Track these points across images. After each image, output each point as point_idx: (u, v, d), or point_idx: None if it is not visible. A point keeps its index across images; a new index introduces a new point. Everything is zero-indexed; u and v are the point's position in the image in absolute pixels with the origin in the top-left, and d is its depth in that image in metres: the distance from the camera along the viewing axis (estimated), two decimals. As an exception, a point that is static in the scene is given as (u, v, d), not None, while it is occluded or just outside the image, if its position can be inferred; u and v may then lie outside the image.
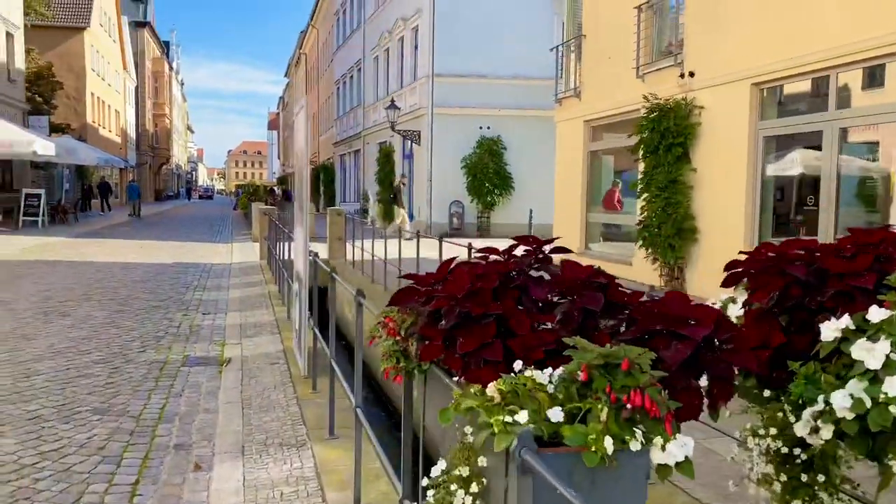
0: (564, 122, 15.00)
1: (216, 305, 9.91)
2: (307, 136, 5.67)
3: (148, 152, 66.67)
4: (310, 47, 56.18)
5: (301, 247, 5.92)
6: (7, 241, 18.74)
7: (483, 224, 23.66)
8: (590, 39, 13.88)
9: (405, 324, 2.16)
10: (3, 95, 26.27)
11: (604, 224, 14.16)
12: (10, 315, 8.62)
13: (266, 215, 15.67)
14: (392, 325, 2.22)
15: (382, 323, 2.28)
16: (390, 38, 28.19)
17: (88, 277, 12.29)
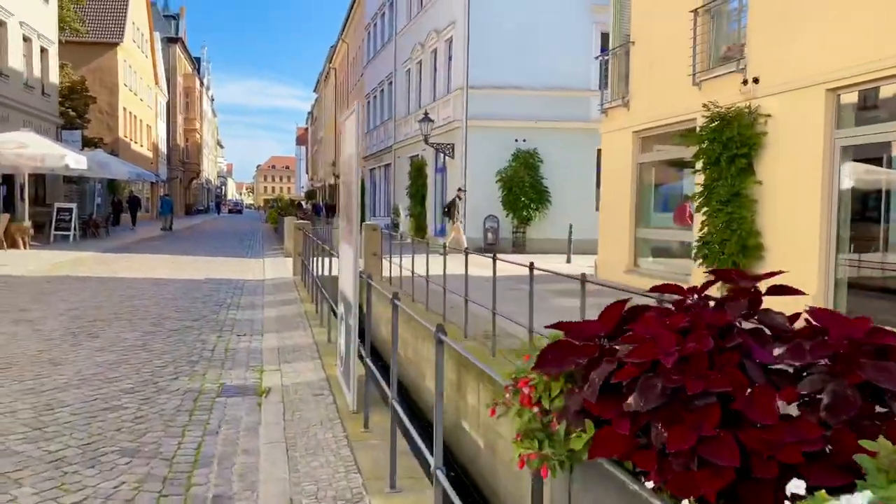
0: (611, 134, 14.34)
1: (251, 326, 9.38)
2: (358, 142, 5.12)
3: (179, 167, 67.16)
4: (339, 62, 56.20)
5: (349, 266, 5.34)
6: (38, 255, 18.51)
7: (518, 239, 23.00)
8: (639, 47, 13.24)
9: (552, 393, 1.54)
10: (37, 110, 26.31)
11: (657, 240, 13.43)
12: (36, 336, 8.17)
13: (300, 230, 15.19)
14: (529, 393, 1.60)
15: (513, 387, 1.66)
16: (423, 50, 27.79)
17: (119, 294, 11.87)
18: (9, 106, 23.80)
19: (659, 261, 13.25)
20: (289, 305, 11.14)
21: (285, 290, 13.24)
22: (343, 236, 5.99)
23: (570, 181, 23.05)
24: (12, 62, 24.28)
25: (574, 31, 23.07)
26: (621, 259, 13.55)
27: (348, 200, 5.74)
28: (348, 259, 5.47)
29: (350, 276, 5.33)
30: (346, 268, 5.60)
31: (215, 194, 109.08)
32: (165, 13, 69.47)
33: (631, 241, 13.53)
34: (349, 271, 5.38)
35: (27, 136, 20.47)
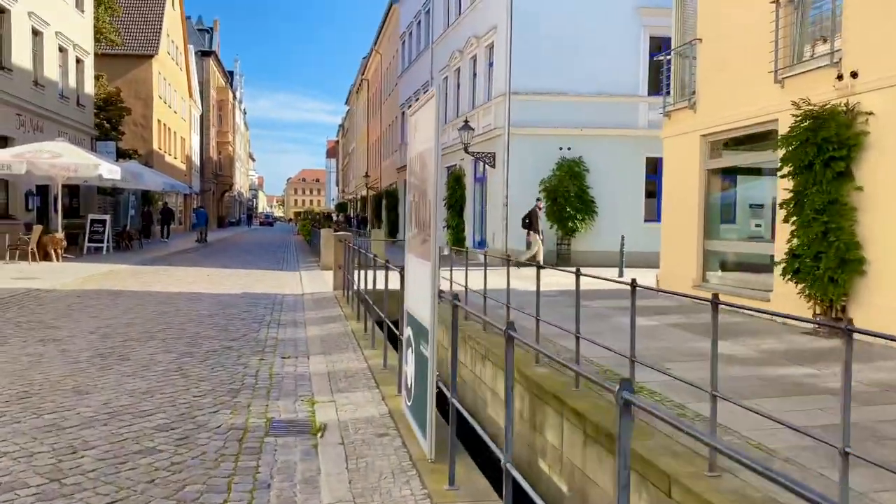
0: (675, 138, 13.34)
1: (295, 346, 8.54)
2: (437, 133, 4.24)
3: (211, 179, 67.30)
4: (372, 73, 55.84)
5: (425, 285, 4.45)
6: (71, 268, 17.98)
7: (563, 252, 22.01)
8: (707, 44, 12.24)
9: None
10: (72, 120, 26.04)
11: (729, 253, 12.35)
12: (62, 358, 7.41)
13: (342, 242, 14.39)
14: None
15: None
16: (461, 57, 27.03)
17: (152, 311, 11.14)
18: (44, 116, 23.51)
19: (731, 275, 12.18)
20: (333, 323, 10.30)
21: (326, 305, 12.42)
22: (413, 249, 5.11)
23: (617, 191, 22.03)
24: (48, 72, 24.01)
25: (621, 34, 22.12)
26: (687, 273, 12.50)
27: (419, 206, 4.86)
28: (423, 277, 4.58)
29: (426, 298, 4.44)
30: (420, 287, 4.70)
31: (247, 207, 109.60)
32: (199, 27, 69.98)
33: (699, 254, 12.48)
34: (425, 291, 4.49)
35: (61, 145, 20.06)
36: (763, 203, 11.72)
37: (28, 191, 22.26)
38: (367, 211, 55.58)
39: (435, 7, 31.60)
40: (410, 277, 5.21)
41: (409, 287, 5.28)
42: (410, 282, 5.22)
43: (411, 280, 5.19)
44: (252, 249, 32.51)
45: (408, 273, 5.31)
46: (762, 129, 10.85)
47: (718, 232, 12.44)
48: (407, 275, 5.34)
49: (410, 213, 5.24)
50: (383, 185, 47.78)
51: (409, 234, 5.28)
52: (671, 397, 5.75)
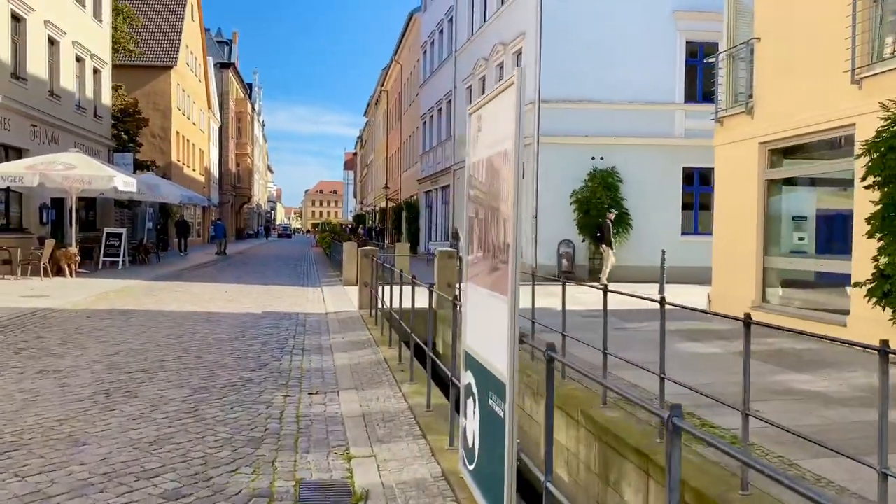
0: (728, 146, 12.32)
1: (322, 378, 7.61)
2: (519, 125, 3.31)
3: (230, 191, 66.93)
4: (392, 84, 55.22)
5: (501, 328, 3.50)
6: (84, 284, 17.23)
7: (596, 266, 20.92)
8: (767, 44, 11.24)
9: None
10: (89, 131, 25.46)
11: (794, 271, 11.29)
12: (61, 395, 6.53)
13: (368, 257, 13.49)
14: None
15: None
16: (487, 64, 26.17)
17: (166, 335, 10.27)
18: (60, 127, 22.92)
19: (796, 296, 11.11)
20: (362, 349, 9.37)
21: (353, 326, 11.50)
22: (476, 277, 4.15)
23: (652, 203, 20.99)
24: (64, 82, 23.46)
25: (655, 39, 21.14)
26: (744, 293, 11.44)
27: (487, 223, 3.92)
28: (495, 315, 3.62)
29: (500, 342, 3.49)
30: (490, 327, 3.75)
31: (265, 219, 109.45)
32: (218, 39, 69.89)
33: (758, 272, 11.42)
34: (498, 333, 3.54)
35: (75, 156, 19.39)
36: (834, 216, 10.67)
37: (42, 204, 21.63)
38: (386, 222, 54.83)
39: (458, 15, 30.82)
40: (472, 312, 4.25)
41: (469, 324, 4.33)
42: (472, 318, 4.27)
43: (473, 316, 4.24)
44: (271, 263, 31.74)
45: (467, 306, 4.36)
46: (835, 134, 9.83)
47: (780, 248, 11.39)
48: (466, 308, 4.39)
49: (471, 232, 4.30)
50: (403, 197, 47.00)
51: (470, 258, 4.33)
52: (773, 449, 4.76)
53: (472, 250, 4.31)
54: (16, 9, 19.88)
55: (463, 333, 4.45)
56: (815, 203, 11.47)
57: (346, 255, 20.11)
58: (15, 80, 20.03)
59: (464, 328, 4.44)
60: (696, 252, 20.59)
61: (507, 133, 3.52)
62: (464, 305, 4.47)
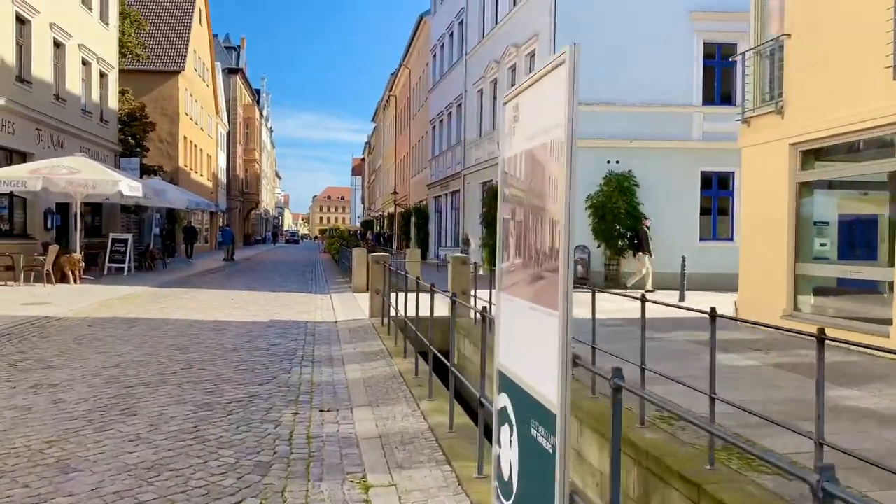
0: (756, 148, 11.79)
1: (334, 393, 7.12)
2: (571, 110, 2.82)
3: (238, 197, 66.70)
4: (400, 89, 54.89)
5: (547, 345, 3.00)
6: (87, 291, 16.82)
7: (611, 273, 20.44)
8: (798, 40, 10.73)
9: None
10: (95, 136, 25.12)
11: (828, 278, 10.73)
12: (54, 413, 6.06)
13: (379, 263, 13.01)
14: None
15: None
16: (499, 67, 25.72)
17: (169, 344, 9.81)
18: (65, 131, 22.58)
19: (830, 304, 10.56)
20: (375, 361, 8.87)
21: (364, 336, 11.01)
22: (513, 287, 3.66)
23: (669, 207, 20.45)
24: (70, 86, 23.12)
25: (672, 40, 20.63)
26: (774, 301, 10.90)
27: (526, 226, 3.43)
28: (541, 332, 3.13)
29: (549, 366, 2.98)
30: (534, 345, 3.25)
31: (273, 224, 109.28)
32: (227, 44, 69.79)
33: (788, 279, 10.88)
34: (546, 355, 3.04)
35: (79, 160, 19.02)
36: (873, 220, 10.13)
37: (47, 209, 21.26)
38: (395, 228, 54.42)
39: (469, 17, 30.41)
40: (508, 327, 3.75)
41: (504, 340, 3.83)
42: (508, 333, 3.77)
43: (510, 331, 3.74)
44: (279, 269, 31.31)
45: (501, 319, 3.86)
46: (873, 134, 9.31)
47: (812, 254, 10.84)
48: (499, 321, 3.89)
49: (506, 236, 3.80)
50: (412, 202, 46.58)
51: (504, 266, 3.83)
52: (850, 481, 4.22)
53: (506, 256, 3.82)
54: (20, 10, 19.55)
55: (496, 350, 3.95)
56: (851, 207, 10.94)
57: (355, 261, 19.64)
58: (19, 83, 19.69)
59: (497, 344, 3.94)
60: (715, 258, 20.06)
61: (556, 120, 3.02)
62: (497, 318, 3.97)
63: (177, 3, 44.03)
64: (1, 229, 19.40)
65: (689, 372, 6.80)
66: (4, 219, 19.82)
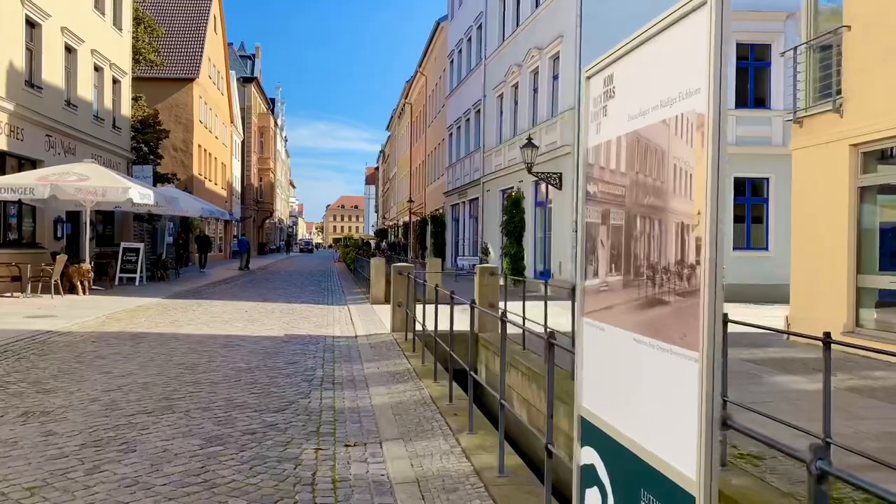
0: (810, 150, 10.90)
1: (360, 423, 6.31)
2: (719, 67, 2.02)
3: (252, 206, 66.27)
4: (416, 96, 54.27)
5: (684, 393, 2.18)
6: (96, 302, 16.14)
7: (641, 283, 19.50)
8: (860, 31, 9.85)
9: None
10: (107, 143, 24.57)
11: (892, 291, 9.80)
12: (42, 448, 5.30)
13: (402, 275, 12.21)
14: None
15: None
16: (520, 71, 24.95)
17: (177, 363, 9.05)
18: (76, 138, 22.02)
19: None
20: (402, 383, 8.06)
21: (388, 353, 10.21)
22: (603, 312, 2.83)
23: (701, 215, 19.52)
24: (82, 92, 22.58)
25: (703, 41, 19.75)
26: (832, 315, 9.97)
27: (634, 227, 2.62)
28: (665, 378, 2.30)
29: (685, 427, 2.16)
30: (648, 395, 2.42)
31: (287, 233, 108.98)
32: (241, 53, 69.57)
33: (849, 292, 9.96)
34: (676, 410, 2.22)
35: (89, 167, 18.41)
36: None
37: (57, 217, 20.69)
38: (409, 237, 53.68)
39: (488, 21, 29.69)
40: (599, 362, 2.93)
41: (589, 378, 3.01)
42: (596, 370, 2.95)
43: (598, 368, 2.92)
44: (293, 278, 30.62)
45: (588, 352, 3.04)
46: (952, 132, 8.42)
47: (877, 264, 9.93)
48: (585, 354, 3.07)
49: (592, 245, 2.99)
50: (428, 210, 45.83)
51: (590, 283, 3.01)
52: None
53: (592, 271, 3.00)
54: (30, 14, 19.01)
55: (577, 390, 3.13)
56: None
57: (373, 271, 18.87)
58: (29, 89, 19.14)
59: (578, 382, 3.11)
60: (749, 268, 19.12)
61: (688, 86, 2.21)
62: (577, 349, 3.15)
63: (191, 11, 43.72)
64: (9, 238, 18.80)
65: (750, 398, 5.98)
66: (13, 227, 19.23)
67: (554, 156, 21.10)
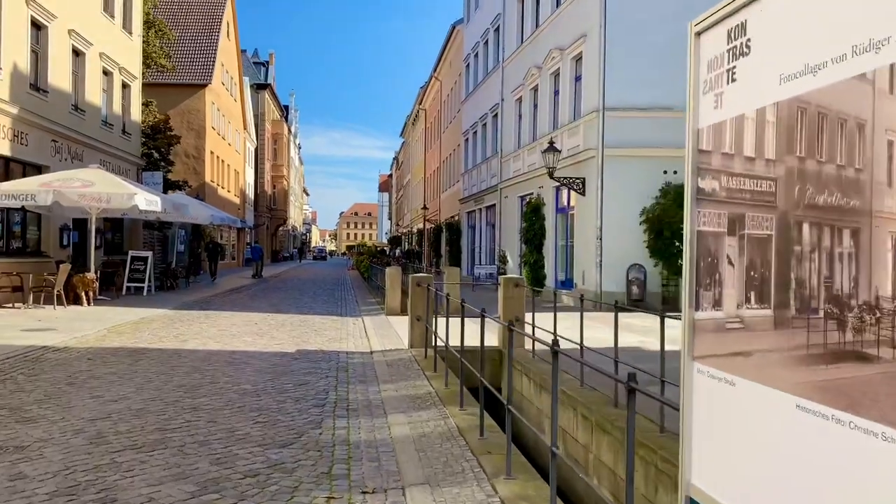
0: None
1: (378, 461, 5.48)
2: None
3: (266, 213, 65.80)
4: (430, 102, 53.60)
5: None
6: (99, 315, 15.43)
7: (670, 293, 18.61)
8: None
9: None
10: (116, 149, 23.97)
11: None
12: (5, 496, 4.50)
13: (421, 286, 11.39)
14: None
15: None
16: (540, 73, 24.12)
17: (177, 385, 8.27)
18: (84, 143, 21.42)
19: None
20: (424, 410, 7.22)
21: (406, 373, 9.37)
22: (743, 365, 2.00)
23: (732, 222, 18.61)
24: (90, 96, 22.00)
25: (733, 40, 18.87)
26: None
27: (807, 241, 1.78)
28: (874, 476, 1.46)
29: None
30: (821, 482, 1.58)
31: (301, 241, 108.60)
32: (255, 60, 69.25)
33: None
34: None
35: (94, 173, 17.75)
36: None
37: (63, 225, 20.06)
38: (424, 244, 52.90)
39: (506, 23, 28.92)
40: (717, 426, 2.09)
41: (706, 446, 2.17)
42: (721, 436, 2.10)
43: (719, 433, 2.08)
44: (306, 287, 29.89)
45: (701, 408, 2.20)
46: None
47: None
48: (695, 412, 2.22)
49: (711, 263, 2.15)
50: (443, 218, 45.05)
51: (706, 317, 2.18)
52: None
53: (710, 300, 2.16)
54: (36, 15, 18.43)
55: (684, 459, 2.29)
56: None
57: (388, 281, 18.06)
58: (34, 92, 18.54)
59: (687, 452, 2.27)
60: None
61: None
62: (686, 404, 2.31)
63: (204, 16, 43.31)
64: (12, 246, 18.16)
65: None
66: (17, 235, 18.60)
67: (576, 160, 20.24)
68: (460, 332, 7.66)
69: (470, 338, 7.65)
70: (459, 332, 7.72)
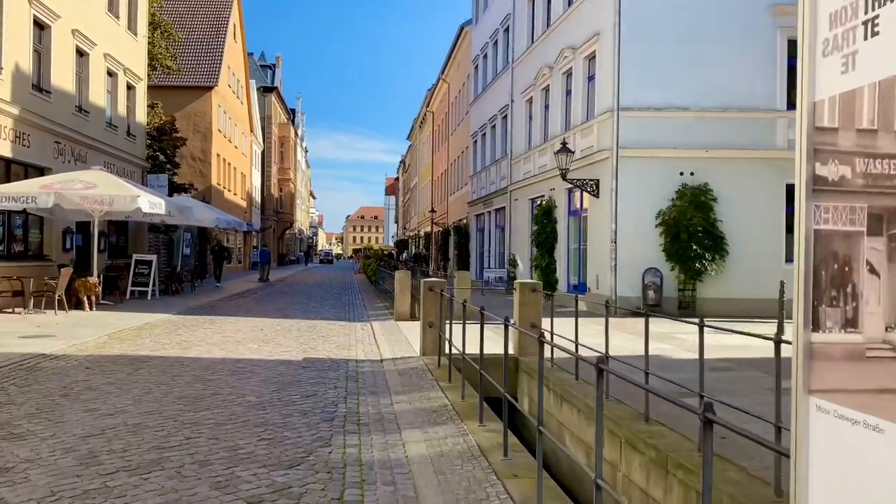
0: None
1: (393, 486, 5.01)
2: None
3: (272, 216, 65.50)
4: (438, 104, 53.19)
5: None
6: (100, 320, 15.02)
7: (686, 298, 18.10)
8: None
9: None
10: (121, 151, 23.61)
11: None
12: (-18, 530, 4.06)
13: (433, 291, 10.92)
14: None
15: None
16: (551, 73, 23.66)
17: (178, 397, 7.81)
18: (87, 145, 21.06)
19: None
20: (441, 425, 6.74)
21: (420, 383, 8.90)
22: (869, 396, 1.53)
23: (751, 225, 18.09)
24: (94, 97, 21.65)
25: (751, 37, 18.37)
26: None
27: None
28: None
29: None
30: None
31: (307, 244, 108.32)
32: (262, 63, 69.02)
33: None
34: None
35: (97, 174, 17.36)
36: None
37: (66, 228, 19.69)
38: (431, 248, 52.47)
39: (516, 22, 28.47)
40: (861, 486, 1.60)
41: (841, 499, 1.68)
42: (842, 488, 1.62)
43: (860, 494, 1.59)
44: (313, 291, 29.46)
45: (826, 460, 1.71)
46: None
47: None
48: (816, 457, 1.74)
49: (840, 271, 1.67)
50: (451, 221, 44.60)
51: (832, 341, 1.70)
52: None
53: (839, 319, 1.69)
54: (38, 14, 18.07)
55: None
56: None
57: (398, 285, 17.60)
58: (37, 93, 18.18)
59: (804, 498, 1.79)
60: (804, 282, 17.68)
61: None
62: (799, 448, 1.83)
63: (211, 19, 43.04)
64: (13, 250, 17.78)
65: None
66: (18, 239, 18.22)
67: (590, 161, 19.76)
68: (479, 340, 7.18)
69: (504, 353, 7.18)
70: (471, 340, 7.26)
